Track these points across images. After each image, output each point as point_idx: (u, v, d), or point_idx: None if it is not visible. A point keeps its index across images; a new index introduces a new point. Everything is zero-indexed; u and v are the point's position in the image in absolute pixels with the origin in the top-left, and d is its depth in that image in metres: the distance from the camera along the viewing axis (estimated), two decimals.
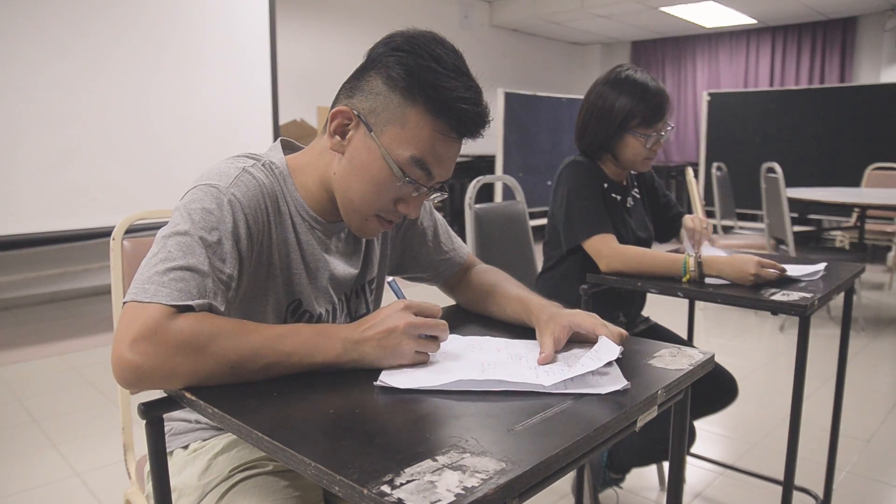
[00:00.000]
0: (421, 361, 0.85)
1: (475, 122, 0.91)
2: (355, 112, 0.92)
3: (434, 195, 0.98)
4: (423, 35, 0.91)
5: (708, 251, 1.62)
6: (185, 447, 1.05)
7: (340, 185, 0.95)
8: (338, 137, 0.94)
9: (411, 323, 0.83)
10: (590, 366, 0.83)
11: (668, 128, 1.68)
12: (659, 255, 1.55)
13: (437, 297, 1.20)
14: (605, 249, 1.59)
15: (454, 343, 0.95)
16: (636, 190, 1.84)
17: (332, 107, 0.95)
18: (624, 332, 0.94)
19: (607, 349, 0.87)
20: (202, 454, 1.02)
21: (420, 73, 0.88)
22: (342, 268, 1.05)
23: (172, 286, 0.78)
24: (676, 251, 1.64)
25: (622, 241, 1.64)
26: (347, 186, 0.94)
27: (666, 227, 1.92)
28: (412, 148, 0.90)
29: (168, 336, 0.75)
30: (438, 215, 1.22)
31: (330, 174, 0.97)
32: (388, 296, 0.98)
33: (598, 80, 1.72)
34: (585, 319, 0.95)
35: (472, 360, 0.89)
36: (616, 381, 0.81)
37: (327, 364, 0.82)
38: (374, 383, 0.80)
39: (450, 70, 0.89)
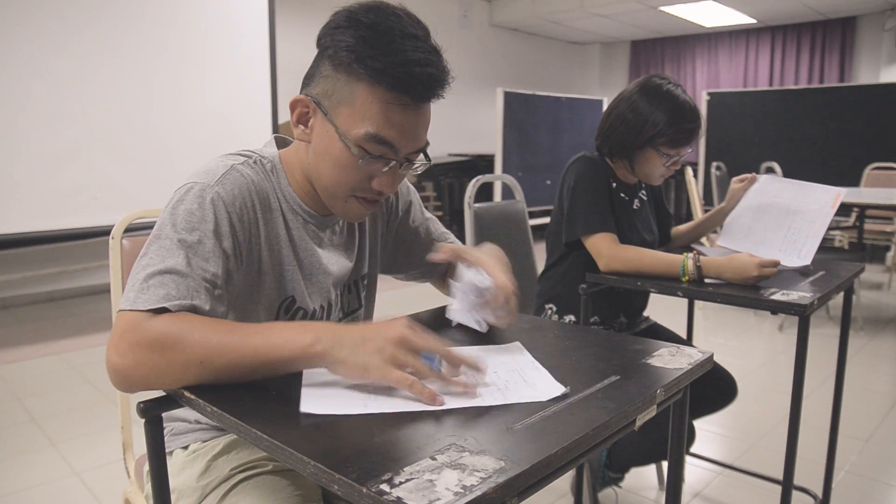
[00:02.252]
0: (401, 380, 0.75)
1: (423, 84, 0.87)
2: (310, 98, 0.92)
3: (416, 167, 0.97)
4: (364, 6, 0.89)
5: (708, 251, 1.62)
6: (185, 448, 1.05)
7: (314, 173, 0.96)
8: (301, 126, 0.95)
9: (406, 336, 0.76)
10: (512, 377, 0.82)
11: (689, 150, 1.65)
12: (658, 255, 1.54)
13: (438, 297, 1.20)
14: (605, 249, 1.58)
15: None
16: (643, 192, 1.83)
17: None
18: (504, 282, 0.98)
19: (471, 280, 0.90)
20: (202, 455, 1.02)
21: (358, 47, 0.86)
22: (337, 261, 1.05)
23: (151, 292, 0.80)
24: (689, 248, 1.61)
25: (627, 241, 1.64)
26: (318, 173, 0.95)
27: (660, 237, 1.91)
28: (366, 124, 0.88)
29: (141, 336, 0.77)
30: (430, 214, 1.23)
31: (307, 164, 0.97)
32: (384, 295, 0.97)
33: (631, 88, 1.65)
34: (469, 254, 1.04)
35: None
36: (553, 388, 0.78)
37: (295, 357, 0.77)
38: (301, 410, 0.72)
39: (392, 36, 0.86)
